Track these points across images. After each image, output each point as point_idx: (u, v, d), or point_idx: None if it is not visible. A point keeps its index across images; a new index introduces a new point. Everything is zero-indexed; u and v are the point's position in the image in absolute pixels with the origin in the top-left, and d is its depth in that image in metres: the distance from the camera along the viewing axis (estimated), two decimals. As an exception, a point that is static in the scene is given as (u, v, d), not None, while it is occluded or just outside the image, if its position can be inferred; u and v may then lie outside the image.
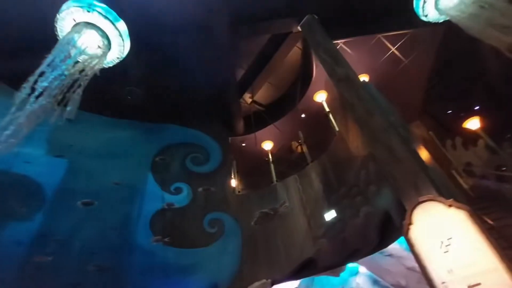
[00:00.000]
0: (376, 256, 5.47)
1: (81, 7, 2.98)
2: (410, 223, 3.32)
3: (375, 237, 4.46)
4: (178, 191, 6.96)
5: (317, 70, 7.30)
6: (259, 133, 8.87)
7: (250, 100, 8.85)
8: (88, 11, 3.01)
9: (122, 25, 3.32)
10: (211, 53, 6.55)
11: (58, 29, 3.07)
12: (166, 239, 6.03)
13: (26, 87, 2.52)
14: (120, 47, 3.40)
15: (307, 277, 6.41)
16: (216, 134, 8.00)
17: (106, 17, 3.13)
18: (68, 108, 2.65)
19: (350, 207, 5.36)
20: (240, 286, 5.77)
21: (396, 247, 5.68)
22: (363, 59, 7.25)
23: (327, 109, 7.36)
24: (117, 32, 3.26)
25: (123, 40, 3.37)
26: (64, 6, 2.99)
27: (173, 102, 7.30)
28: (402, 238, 3.99)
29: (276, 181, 7.25)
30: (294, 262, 5.59)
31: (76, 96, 2.75)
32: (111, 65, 3.50)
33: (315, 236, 5.67)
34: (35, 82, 2.53)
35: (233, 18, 5.99)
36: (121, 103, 6.86)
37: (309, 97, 7.91)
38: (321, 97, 7.69)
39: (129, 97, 5.86)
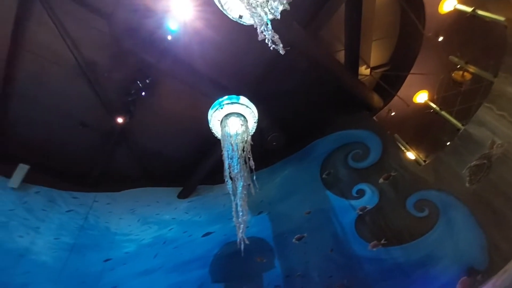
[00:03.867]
0: None
1: (216, 109, 4.06)
2: None
3: None
4: (361, 193, 6.83)
5: (421, -17, 5.85)
6: (401, 93, 7.68)
7: (368, 70, 8.02)
8: (221, 108, 4.04)
9: (244, 100, 4.17)
10: (308, 61, 6.70)
11: (215, 133, 4.27)
12: (382, 242, 5.88)
13: (228, 181, 3.53)
14: (252, 114, 4.22)
15: None
16: (359, 123, 7.59)
17: (232, 103, 4.05)
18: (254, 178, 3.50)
19: None
20: (505, 258, 4.59)
21: None
22: None
23: (469, 9, 5.52)
24: (244, 106, 4.10)
25: (250, 108, 4.18)
26: (209, 117, 4.19)
27: (308, 122, 7.72)
28: None
29: (462, 125, 5.80)
30: None
31: (251, 167, 3.58)
32: (254, 130, 4.33)
33: None
34: (229, 173, 3.51)
35: (302, 21, 6.03)
36: (271, 150, 7.93)
37: (433, 16, 6.30)
38: (449, 4, 5.93)
39: (274, 143, 6.77)
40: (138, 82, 6.20)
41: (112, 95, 6.74)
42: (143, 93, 6.39)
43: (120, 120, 6.76)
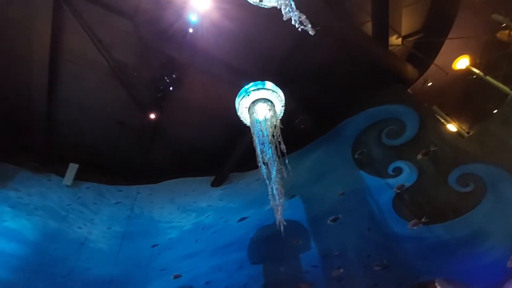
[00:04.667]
0: None
1: (243, 96, 4.10)
2: None
3: None
4: (398, 171, 6.56)
5: None
6: (439, 61, 7.07)
7: (400, 39, 7.46)
8: (248, 95, 4.07)
9: (269, 84, 4.16)
10: (332, 37, 6.42)
11: (244, 121, 4.34)
12: (423, 220, 5.66)
13: (262, 166, 3.61)
14: (278, 99, 4.20)
15: None
16: (392, 97, 7.17)
17: (258, 89, 4.06)
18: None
19: None
20: None
21: None
22: None
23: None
24: (270, 90, 4.10)
25: (276, 92, 4.16)
26: (236, 105, 4.25)
27: (337, 101, 7.46)
28: None
29: (511, 89, 5.25)
30: None
31: (283, 150, 3.62)
32: (282, 114, 4.32)
33: None
34: (262, 158, 3.58)
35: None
36: (299, 134, 7.85)
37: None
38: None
39: (302, 126, 6.68)
40: (166, 78, 6.42)
41: (143, 93, 7.08)
42: (171, 88, 6.62)
43: (152, 116, 7.11)
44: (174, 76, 6.43)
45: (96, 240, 7.39)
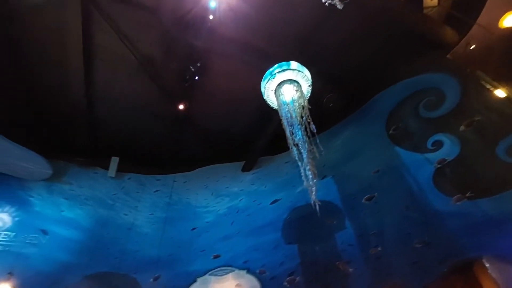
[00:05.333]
0: None
1: (268, 79, 4.04)
2: None
3: None
4: (438, 145, 6.16)
5: None
6: (482, 20, 6.29)
7: (435, 0, 6.74)
8: (274, 78, 4.00)
9: (294, 64, 4.04)
10: (359, 7, 5.98)
11: (270, 104, 4.30)
12: (468, 194, 5.32)
13: (293, 148, 3.61)
14: (305, 78, 4.08)
15: None
16: (429, 66, 6.60)
17: (283, 70, 3.97)
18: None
19: None
20: None
21: None
22: None
23: None
24: (295, 71, 3.99)
25: (302, 72, 4.03)
26: (262, 89, 4.21)
27: (367, 75, 7.04)
28: None
29: None
30: None
31: (313, 130, 3.56)
32: (309, 94, 4.20)
33: None
34: (292, 140, 3.57)
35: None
36: (327, 113, 7.62)
37: None
38: None
39: (331, 105, 6.46)
40: (191, 67, 6.53)
41: (171, 84, 7.29)
42: (197, 77, 6.74)
43: (181, 106, 7.34)
44: (198, 64, 6.52)
45: (141, 225, 8.04)
